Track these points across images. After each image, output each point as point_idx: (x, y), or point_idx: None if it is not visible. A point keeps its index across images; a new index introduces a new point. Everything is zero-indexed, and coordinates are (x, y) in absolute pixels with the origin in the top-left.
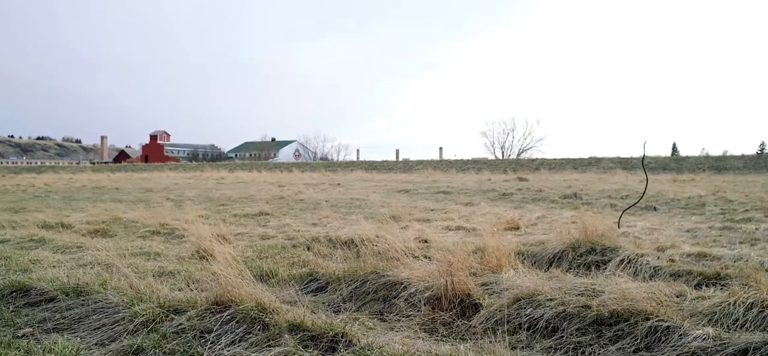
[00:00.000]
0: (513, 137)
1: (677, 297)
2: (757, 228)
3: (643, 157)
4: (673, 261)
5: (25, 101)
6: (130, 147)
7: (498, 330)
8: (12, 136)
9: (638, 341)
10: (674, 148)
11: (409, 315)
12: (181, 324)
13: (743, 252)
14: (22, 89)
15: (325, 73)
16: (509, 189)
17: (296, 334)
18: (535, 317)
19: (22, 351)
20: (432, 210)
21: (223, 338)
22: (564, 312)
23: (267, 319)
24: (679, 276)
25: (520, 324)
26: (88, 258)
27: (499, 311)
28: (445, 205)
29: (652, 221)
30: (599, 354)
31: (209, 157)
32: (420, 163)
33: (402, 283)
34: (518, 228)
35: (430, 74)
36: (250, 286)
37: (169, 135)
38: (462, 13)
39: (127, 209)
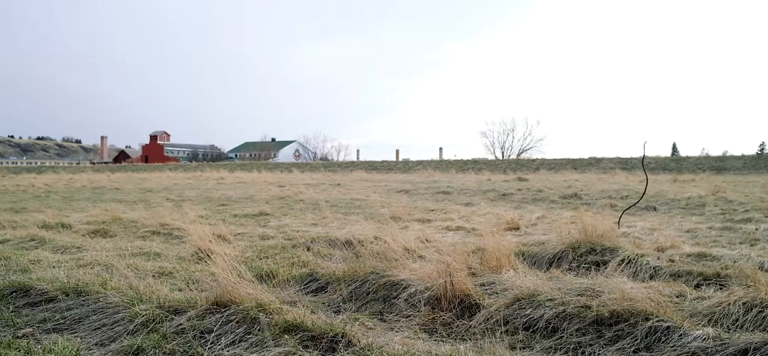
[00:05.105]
0: (513, 137)
1: (677, 297)
2: (757, 228)
3: (643, 157)
4: (672, 261)
5: (25, 101)
6: (130, 147)
7: (498, 330)
8: (12, 136)
9: (638, 341)
10: (674, 148)
11: (409, 316)
12: (180, 324)
13: (743, 253)
14: (22, 89)
15: (325, 73)
16: (509, 189)
17: (296, 334)
18: (535, 317)
19: (22, 351)
20: (432, 210)
21: (223, 338)
22: (564, 312)
23: (267, 319)
24: (679, 276)
25: (519, 324)
26: (88, 258)
27: (499, 311)
28: (445, 205)
29: (652, 221)
30: (599, 354)
31: (209, 157)
32: (420, 163)
33: (402, 283)
34: (518, 229)
35: (430, 74)
36: (250, 286)
37: (169, 135)
38: (462, 13)
39: (127, 209)
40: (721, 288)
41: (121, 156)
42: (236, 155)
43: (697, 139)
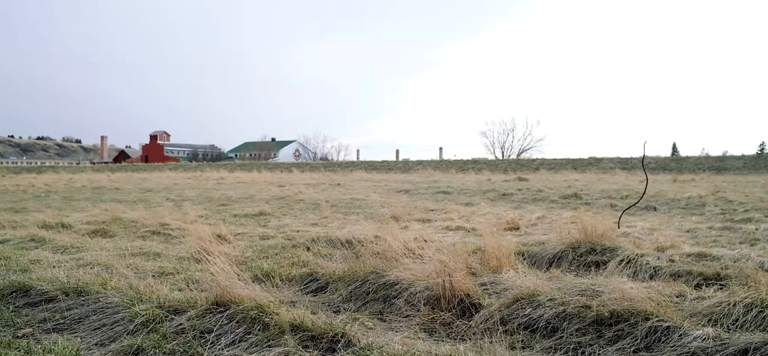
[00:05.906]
0: (513, 137)
1: (677, 297)
2: (757, 228)
3: (643, 157)
4: (672, 261)
5: (25, 101)
6: (130, 147)
7: (498, 330)
8: (12, 136)
9: (638, 341)
10: (674, 148)
11: (409, 316)
12: (180, 324)
13: (743, 253)
14: (22, 89)
15: (325, 73)
16: (509, 189)
17: (296, 334)
18: (535, 317)
19: (22, 351)
20: (432, 210)
21: (222, 338)
22: (564, 312)
23: (267, 319)
24: (679, 276)
25: (519, 324)
26: (88, 258)
27: (499, 311)
28: (445, 205)
29: (652, 221)
30: (599, 354)
31: (209, 157)
32: (420, 163)
33: (402, 283)
34: (518, 229)
35: (430, 74)
36: (249, 287)
37: (169, 135)
38: (462, 13)
39: (127, 209)
40: (721, 288)
41: (121, 156)
42: (236, 155)
43: (697, 139)
